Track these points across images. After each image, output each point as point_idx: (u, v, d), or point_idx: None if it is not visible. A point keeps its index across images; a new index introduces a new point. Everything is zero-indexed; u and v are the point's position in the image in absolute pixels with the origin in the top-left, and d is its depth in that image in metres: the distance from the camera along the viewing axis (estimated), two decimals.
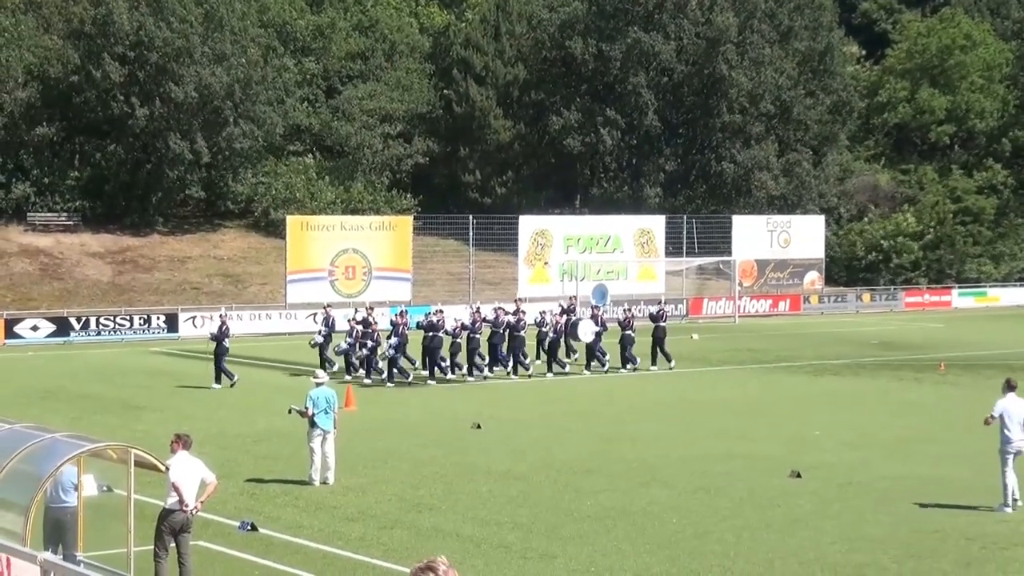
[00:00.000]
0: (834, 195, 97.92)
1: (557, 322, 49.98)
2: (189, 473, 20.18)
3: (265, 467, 29.70)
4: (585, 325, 50.31)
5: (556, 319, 50.14)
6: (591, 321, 50.97)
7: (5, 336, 60.38)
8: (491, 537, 23.20)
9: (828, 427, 36.39)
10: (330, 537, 23.20)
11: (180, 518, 20.01)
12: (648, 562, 21.63)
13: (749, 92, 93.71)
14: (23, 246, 77.60)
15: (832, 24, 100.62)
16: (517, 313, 48.73)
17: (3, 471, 18.17)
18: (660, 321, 52.54)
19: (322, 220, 72.18)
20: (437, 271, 77.93)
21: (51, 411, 38.18)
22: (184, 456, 20.37)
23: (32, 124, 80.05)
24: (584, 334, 49.93)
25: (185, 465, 20.24)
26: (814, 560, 21.83)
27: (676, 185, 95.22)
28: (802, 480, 28.25)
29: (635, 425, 36.76)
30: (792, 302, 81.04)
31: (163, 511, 20.16)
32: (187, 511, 19.85)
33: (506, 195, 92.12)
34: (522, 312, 49.22)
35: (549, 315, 50.83)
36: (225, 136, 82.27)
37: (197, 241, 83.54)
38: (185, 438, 20.60)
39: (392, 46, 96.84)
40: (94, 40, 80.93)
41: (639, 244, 77.94)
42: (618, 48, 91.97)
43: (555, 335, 49.78)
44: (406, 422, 37.20)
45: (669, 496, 26.79)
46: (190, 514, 20.09)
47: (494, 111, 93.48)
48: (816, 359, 55.24)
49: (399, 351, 45.63)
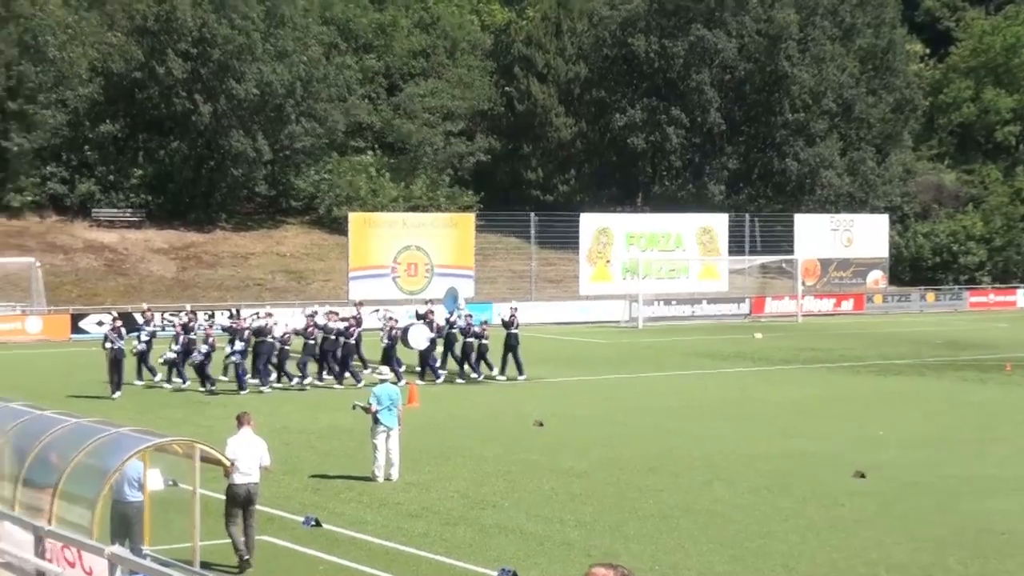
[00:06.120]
0: (898, 194, 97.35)
1: (392, 327, 45.97)
2: (247, 449, 21.00)
3: (329, 463, 29.76)
4: (417, 331, 46.19)
5: (391, 324, 46.25)
6: (425, 327, 46.74)
7: (71, 331, 60.92)
8: (554, 535, 23.15)
9: (892, 427, 36.15)
10: (393, 533, 23.20)
11: (242, 491, 20.83)
12: (711, 561, 21.52)
13: (811, 89, 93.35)
14: (88, 242, 78.16)
15: (895, 21, 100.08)
16: (349, 320, 46.25)
17: (70, 465, 18.30)
18: (512, 328, 47.92)
19: (385, 217, 72.36)
20: (499, 268, 77.98)
21: (116, 406, 38.42)
22: (246, 433, 21.35)
23: (96, 121, 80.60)
24: (416, 341, 45.96)
25: (245, 442, 21.19)
26: (879, 561, 21.67)
27: (739, 183, 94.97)
28: (866, 480, 28.05)
29: (697, 423, 36.63)
30: (855, 301, 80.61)
31: (228, 486, 20.95)
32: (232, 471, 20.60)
33: (568, 193, 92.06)
34: (353, 319, 46.58)
35: (384, 320, 47.59)
36: (287, 133, 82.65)
37: (260, 237, 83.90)
38: (244, 417, 21.62)
39: (454, 43, 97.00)
40: (157, 37, 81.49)
41: (701, 242, 77.71)
42: (680, 45, 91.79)
43: (389, 342, 45.51)
44: (469, 419, 37.21)
45: (732, 495, 26.67)
46: (250, 487, 20.94)
47: (556, 108, 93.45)
48: (880, 359, 54.88)
49: (244, 356, 43.31)
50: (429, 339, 46.24)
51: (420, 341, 45.94)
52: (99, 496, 17.95)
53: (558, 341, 62.16)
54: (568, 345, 60.63)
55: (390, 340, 45.69)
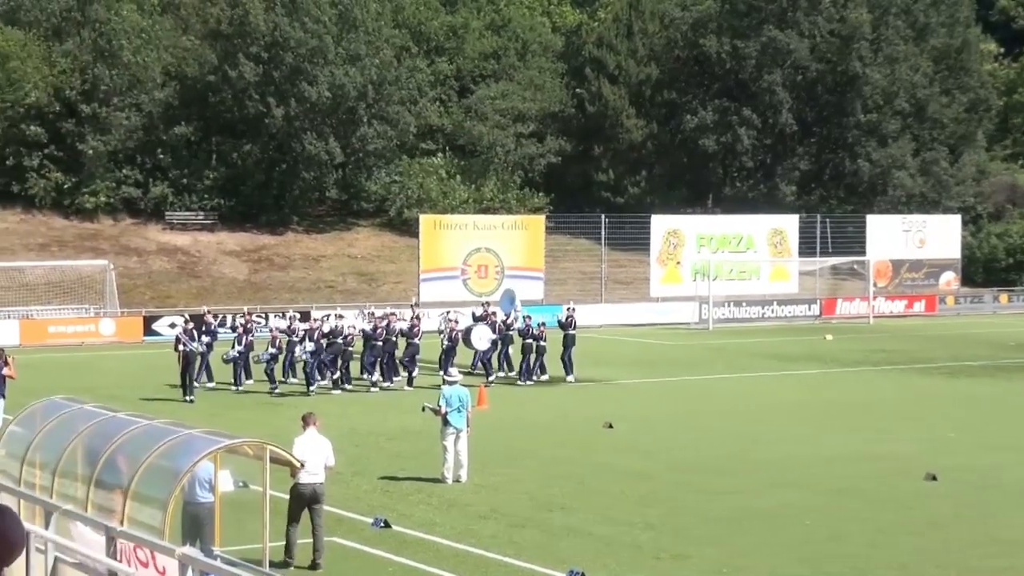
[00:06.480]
0: (971, 195, 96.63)
1: (452, 329, 46.30)
2: (313, 449, 21.26)
3: (398, 465, 29.87)
4: (479, 332, 46.46)
5: (452, 326, 46.52)
6: (487, 328, 46.97)
7: (144, 333, 61.37)
8: (622, 537, 23.15)
9: (964, 429, 35.95)
10: (462, 535, 23.28)
11: (307, 491, 21.13)
12: (780, 564, 21.48)
13: (884, 90, 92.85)
14: (161, 244, 78.78)
15: (969, 20, 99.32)
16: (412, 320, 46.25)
17: (142, 467, 18.46)
18: (569, 329, 47.82)
19: (455, 219, 72.44)
20: (569, 270, 77.95)
21: (188, 407, 38.72)
22: (312, 433, 21.72)
23: (170, 124, 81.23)
24: (478, 342, 46.23)
25: (311, 442, 21.53)
26: (950, 564, 21.56)
27: (810, 184, 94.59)
28: (938, 482, 27.90)
29: (766, 425, 36.54)
30: (928, 303, 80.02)
31: (292, 485, 21.22)
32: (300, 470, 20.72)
33: (638, 194, 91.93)
34: (416, 319, 46.65)
35: (444, 321, 47.61)
36: (359, 136, 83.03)
37: (331, 240, 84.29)
38: (310, 417, 22.00)
39: (524, 45, 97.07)
40: (230, 40, 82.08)
41: (772, 244, 77.38)
42: (752, 46, 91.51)
43: (450, 343, 45.84)
44: (538, 421, 37.27)
45: (802, 497, 26.59)
46: (316, 486, 21.21)
47: (627, 110, 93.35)
48: (952, 360, 54.51)
49: (314, 357, 43.05)
50: (491, 340, 46.47)
51: (482, 342, 46.22)
52: (171, 497, 18.10)
53: (628, 343, 62.12)
54: (638, 347, 60.57)
55: (450, 341, 45.90)
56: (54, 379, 42.13)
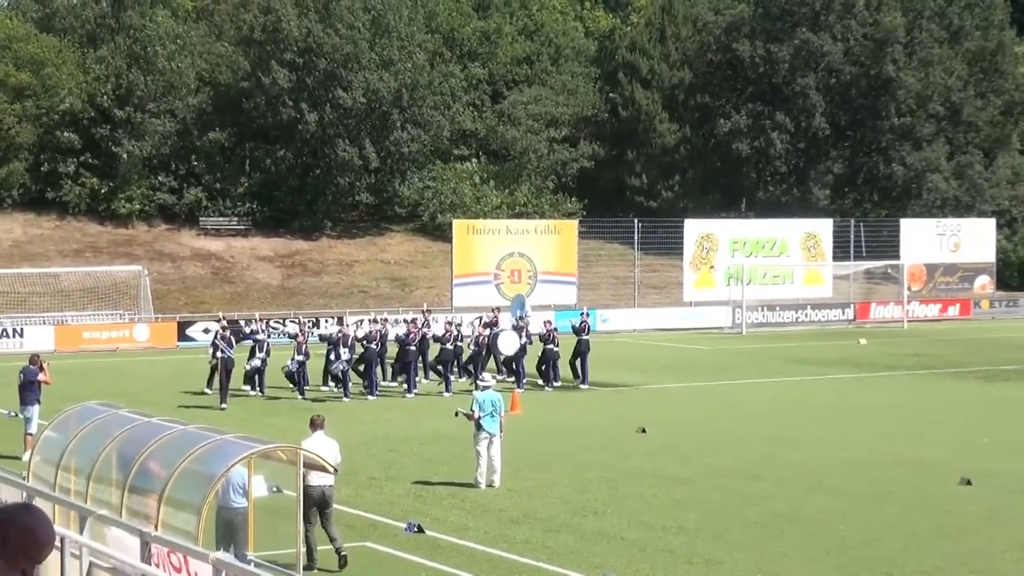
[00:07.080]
0: (1006, 198, 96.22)
1: (480, 335, 46.31)
2: (321, 451, 21.16)
3: (431, 469, 29.89)
4: (507, 337, 46.49)
5: (479, 331, 46.62)
6: (515, 333, 46.93)
7: (178, 338, 61.56)
8: (656, 542, 23.14)
9: (999, 434, 35.80)
10: (496, 540, 23.29)
11: (316, 493, 21.21)
12: (815, 569, 21.43)
13: (918, 93, 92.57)
14: (195, 250, 79.03)
15: (1003, 23, 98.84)
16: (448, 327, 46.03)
17: (176, 471, 18.55)
18: (583, 334, 47.34)
19: (488, 224, 72.50)
20: (602, 275, 77.94)
21: (221, 413, 38.79)
22: (319, 435, 22.03)
23: (204, 130, 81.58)
24: (506, 347, 46.26)
25: (318, 444, 21.68)
26: (985, 569, 21.49)
27: (843, 188, 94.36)
28: (972, 487, 27.79)
29: (801, 430, 36.46)
30: (962, 307, 79.72)
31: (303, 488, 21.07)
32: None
33: (672, 199, 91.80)
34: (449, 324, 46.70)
35: (470, 327, 47.84)
36: (392, 141, 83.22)
37: (365, 245, 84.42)
38: (318, 419, 22.52)
39: (557, 50, 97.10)
40: (264, 47, 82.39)
41: (805, 248, 77.21)
42: (786, 50, 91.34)
43: (476, 348, 45.93)
44: (571, 426, 37.24)
45: (836, 502, 26.51)
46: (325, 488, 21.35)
47: (660, 115, 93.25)
48: (987, 365, 54.26)
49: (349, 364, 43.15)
50: (519, 345, 46.32)
51: (510, 347, 46.24)
52: (205, 502, 18.18)
53: (662, 347, 62.09)
54: (672, 351, 60.53)
55: (477, 347, 45.96)
56: (89, 385, 42.32)
